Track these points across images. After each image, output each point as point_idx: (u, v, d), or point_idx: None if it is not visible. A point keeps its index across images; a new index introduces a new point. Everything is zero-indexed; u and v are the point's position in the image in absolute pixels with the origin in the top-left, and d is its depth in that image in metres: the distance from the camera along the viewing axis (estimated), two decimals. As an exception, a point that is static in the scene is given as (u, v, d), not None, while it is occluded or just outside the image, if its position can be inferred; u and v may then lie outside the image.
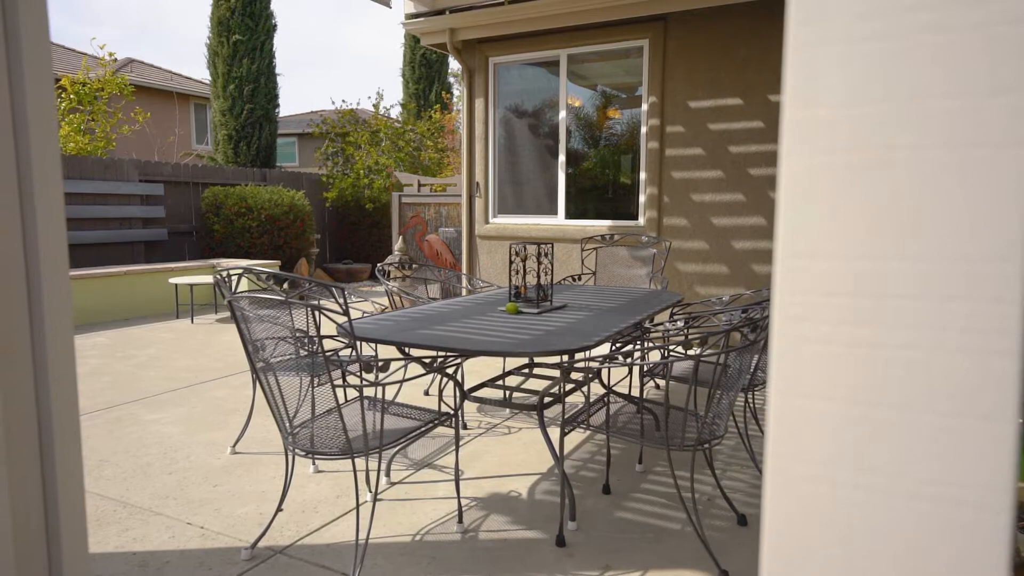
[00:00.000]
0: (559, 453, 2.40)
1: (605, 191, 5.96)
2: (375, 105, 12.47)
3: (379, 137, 11.64)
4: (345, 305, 2.08)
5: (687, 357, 2.15)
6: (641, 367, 2.82)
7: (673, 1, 4.97)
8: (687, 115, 5.34)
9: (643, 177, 5.59)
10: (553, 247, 3.12)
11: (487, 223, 6.41)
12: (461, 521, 2.42)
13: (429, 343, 2.22)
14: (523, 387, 4.08)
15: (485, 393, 3.75)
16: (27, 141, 1.01)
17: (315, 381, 2.19)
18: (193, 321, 6.84)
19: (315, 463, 2.95)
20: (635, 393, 3.77)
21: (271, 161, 12.26)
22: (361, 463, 2.76)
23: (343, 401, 2.49)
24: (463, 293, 4.72)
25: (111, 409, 3.82)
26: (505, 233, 6.25)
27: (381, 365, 2.18)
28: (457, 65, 6.47)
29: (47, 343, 1.06)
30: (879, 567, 0.49)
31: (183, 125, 15.90)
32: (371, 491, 2.66)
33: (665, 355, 2.26)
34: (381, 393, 2.51)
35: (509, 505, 2.58)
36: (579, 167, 6.01)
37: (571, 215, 6.03)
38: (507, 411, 3.81)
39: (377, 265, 3.73)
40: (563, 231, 5.95)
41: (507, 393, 3.52)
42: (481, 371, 4.64)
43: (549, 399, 2.98)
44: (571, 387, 3.16)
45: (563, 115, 5.97)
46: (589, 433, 3.37)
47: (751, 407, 3.40)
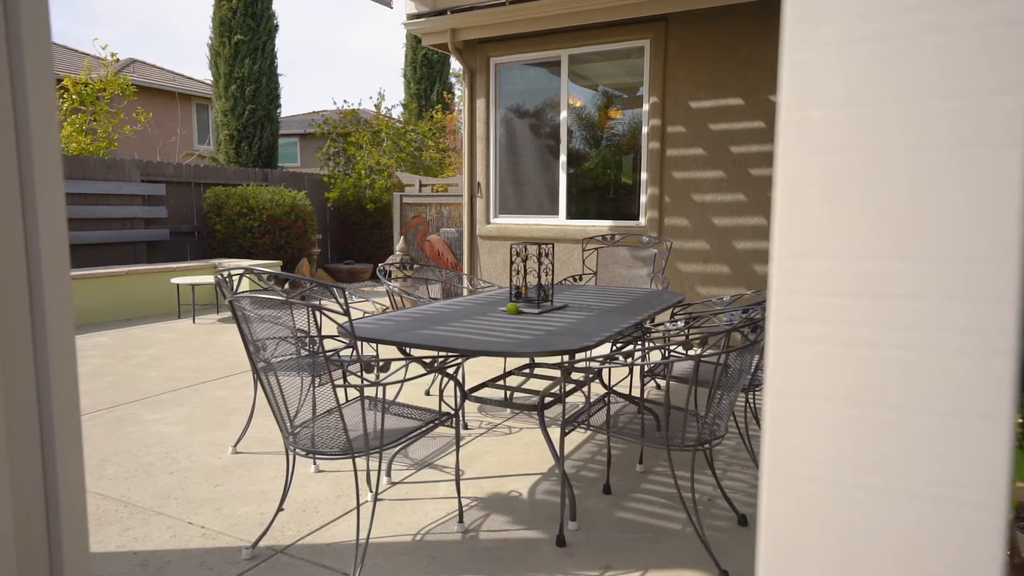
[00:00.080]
0: (559, 453, 2.40)
1: (606, 191, 5.95)
2: (377, 105, 12.48)
3: (380, 137, 11.65)
4: (345, 305, 2.08)
5: (688, 357, 2.15)
6: (642, 367, 2.82)
7: (674, 1, 4.97)
8: (688, 115, 5.33)
9: (644, 177, 5.59)
10: (554, 247, 3.13)
11: (488, 223, 6.41)
12: (462, 521, 2.42)
13: (430, 343, 2.22)
14: (524, 387, 4.08)
15: (486, 393, 3.75)
16: (28, 141, 1.02)
17: (316, 381, 2.19)
18: (195, 321, 6.85)
19: (316, 463, 2.96)
20: (636, 393, 3.77)
21: (273, 161, 12.27)
22: (362, 463, 2.76)
23: (344, 401, 2.49)
24: (464, 293, 4.72)
25: (113, 409, 3.83)
26: (506, 233, 6.25)
27: (382, 365, 2.18)
28: (459, 65, 6.47)
29: (48, 343, 1.06)
30: (877, 567, 0.49)
31: (185, 125, 15.92)
32: (372, 491, 2.67)
33: (666, 355, 2.26)
34: (382, 393, 2.51)
35: (510, 505, 2.58)
36: (580, 167, 6.01)
37: (572, 215, 6.03)
38: (508, 411, 3.81)
39: (378, 265, 3.74)
40: (564, 231, 5.95)
41: (508, 393, 3.52)
42: (482, 371, 4.64)
43: (550, 399, 2.98)
44: (572, 387, 3.16)
45: (564, 115, 5.96)
46: (590, 433, 3.37)
47: (752, 407, 3.40)
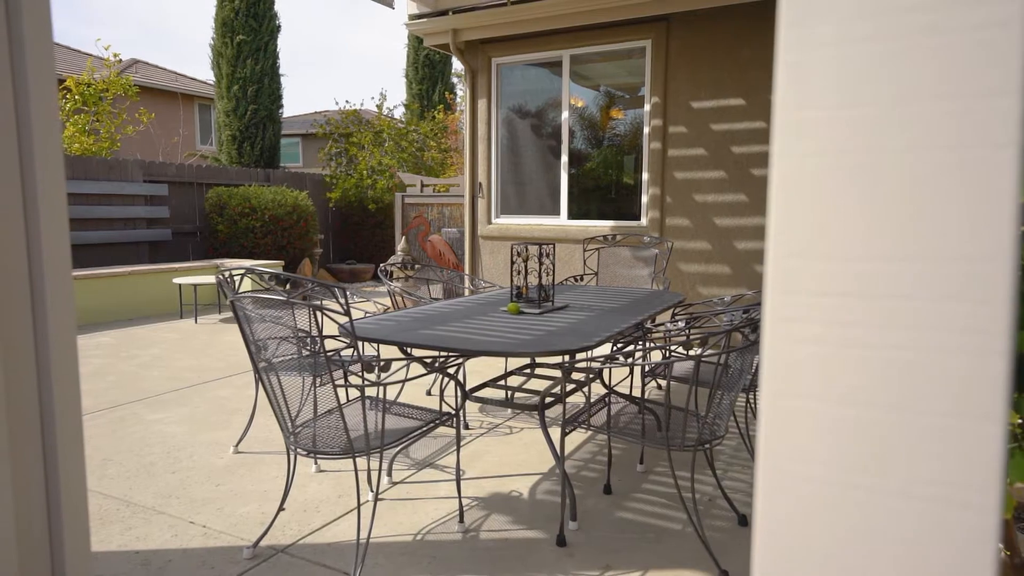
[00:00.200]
0: (560, 453, 2.40)
1: (608, 191, 5.95)
2: (378, 106, 12.49)
3: (382, 137, 11.66)
4: (346, 305, 2.09)
5: (688, 357, 2.15)
6: (642, 367, 2.82)
7: (676, 1, 4.97)
8: (690, 115, 5.33)
9: (645, 177, 5.59)
10: (555, 247, 3.13)
11: (490, 223, 6.42)
12: (462, 521, 2.43)
13: (430, 343, 2.23)
14: (525, 387, 4.08)
15: (487, 393, 3.75)
16: (30, 141, 1.02)
17: (317, 381, 2.20)
18: (197, 321, 6.86)
19: (317, 463, 2.96)
20: (636, 393, 3.77)
21: (275, 161, 12.29)
22: (363, 463, 2.77)
23: (345, 401, 2.50)
24: (465, 293, 4.73)
25: (115, 408, 3.84)
26: (508, 233, 6.25)
27: (382, 365, 2.19)
28: (460, 65, 6.47)
29: (50, 343, 1.07)
30: (872, 567, 0.49)
31: (187, 126, 15.95)
32: (372, 491, 2.67)
33: (666, 355, 2.26)
34: (382, 393, 2.51)
35: (510, 505, 2.59)
36: (582, 167, 6.01)
37: (574, 215, 6.03)
38: (509, 411, 3.82)
39: (380, 265, 3.74)
40: (566, 231, 5.95)
41: (509, 393, 3.52)
42: (483, 371, 4.64)
43: (550, 399, 2.98)
44: (572, 387, 3.17)
45: (566, 116, 5.97)
46: (591, 433, 3.38)
47: (752, 407, 3.40)
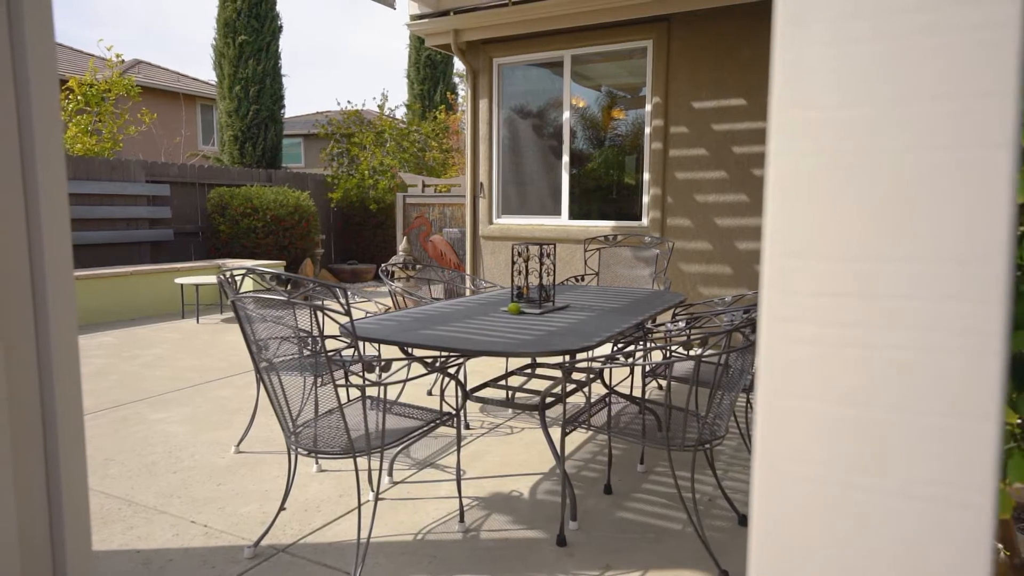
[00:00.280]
0: (560, 453, 2.40)
1: (609, 192, 5.95)
2: (380, 106, 12.50)
3: (384, 138, 11.67)
4: (347, 305, 2.09)
5: (688, 357, 2.15)
6: (643, 367, 2.82)
7: (677, 2, 4.97)
8: (691, 116, 5.33)
9: (647, 178, 5.59)
10: (556, 247, 3.13)
11: (491, 223, 6.42)
12: (463, 520, 2.43)
13: (431, 343, 2.23)
14: (526, 387, 4.08)
15: (488, 393, 3.76)
16: (32, 142, 1.03)
17: (318, 381, 2.20)
18: (198, 321, 6.87)
19: (318, 462, 2.97)
20: (637, 393, 3.77)
21: (277, 162, 12.31)
22: (363, 462, 2.77)
23: (345, 401, 2.50)
24: (467, 293, 4.73)
25: (117, 408, 3.85)
26: (509, 234, 6.26)
27: (383, 365, 2.19)
28: (462, 66, 6.47)
29: (51, 343, 1.07)
30: (869, 567, 0.49)
31: (189, 126, 15.97)
32: (373, 490, 2.67)
33: (667, 355, 2.26)
34: (383, 393, 2.52)
35: (511, 505, 2.59)
36: (583, 168, 6.01)
37: (575, 216, 6.03)
38: (509, 411, 3.82)
39: (381, 265, 3.75)
40: (567, 232, 5.96)
41: (509, 393, 3.53)
42: (484, 371, 4.65)
43: (551, 399, 2.98)
44: (573, 387, 3.17)
45: (567, 116, 5.97)
46: (591, 433, 3.38)
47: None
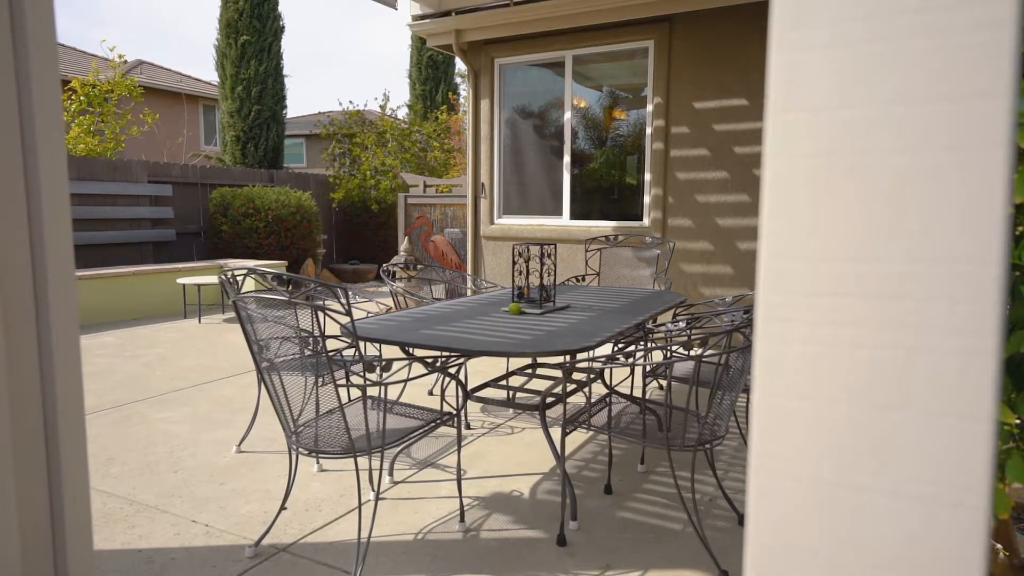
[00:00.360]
0: (560, 453, 2.41)
1: (610, 192, 5.95)
2: (382, 106, 12.51)
3: (386, 138, 11.68)
4: (347, 305, 2.10)
5: (688, 357, 2.15)
6: (643, 367, 2.82)
7: (678, 2, 4.97)
8: (692, 116, 5.33)
9: (648, 178, 5.59)
10: (556, 248, 3.13)
11: (492, 224, 6.42)
12: (463, 520, 2.43)
13: (431, 343, 2.23)
14: (526, 387, 4.08)
15: (488, 393, 3.76)
16: (34, 143, 1.03)
17: (319, 381, 2.21)
18: (200, 321, 6.89)
19: (319, 462, 2.97)
20: (637, 393, 3.77)
21: (279, 162, 12.33)
22: (364, 462, 2.78)
23: (346, 401, 2.51)
24: (468, 293, 4.74)
25: (119, 408, 3.86)
26: (510, 234, 6.26)
27: (384, 365, 2.20)
28: (464, 66, 6.48)
29: (53, 342, 1.08)
30: (863, 565, 0.50)
31: (192, 126, 16.00)
32: (374, 490, 2.68)
33: (667, 356, 2.27)
34: (384, 393, 2.52)
35: (511, 504, 2.59)
36: (584, 168, 6.01)
37: (576, 216, 6.04)
38: (510, 411, 3.82)
39: (383, 266, 3.75)
40: (568, 232, 5.96)
41: (510, 393, 3.53)
42: (486, 371, 4.65)
43: (551, 399, 2.99)
44: (573, 387, 3.17)
45: (568, 116, 5.97)
46: (592, 433, 3.38)
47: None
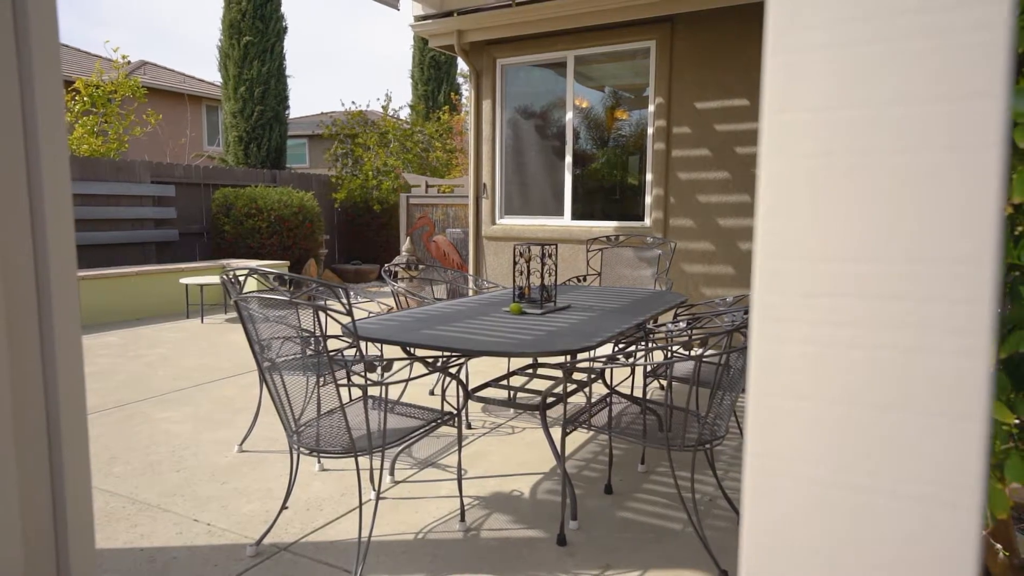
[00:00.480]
0: (560, 453, 2.41)
1: (611, 192, 5.96)
2: (384, 107, 12.52)
3: (388, 138, 11.69)
4: (348, 306, 2.10)
5: (689, 357, 2.16)
6: (644, 367, 2.82)
7: (680, 2, 4.97)
8: (694, 116, 5.33)
9: (649, 178, 5.59)
10: (558, 248, 3.14)
11: (494, 224, 6.43)
12: (463, 520, 2.44)
13: (432, 343, 2.24)
14: (527, 387, 4.09)
15: (489, 393, 3.76)
16: (36, 143, 1.04)
17: (320, 380, 2.21)
18: (203, 321, 6.90)
19: (320, 461, 2.98)
20: (638, 393, 3.77)
21: (281, 162, 12.34)
22: (365, 462, 2.78)
23: (347, 400, 2.51)
24: (469, 294, 4.74)
25: (122, 407, 3.87)
26: (512, 234, 6.26)
27: (385, 365, 2.20)
28: (466, 66, 6.48)
29: (55, 343, 1.08)
30: (859, 565, 0.50)
31: (195, 127, 16.03)
32: (375, 490, 2.68)
33: (667, 356, 2.27)
34: (385, 393, 2.53)
35: (511, 504, 2.59)
36: (586, 168, 6.01)
37: (577, 216, 6.04)
38: (511, 411, 3.82)
39: (384, 266, 3.76)
40: (569, 232, 5.96)
41: (511, 393, 3.53)
42: (486, 371, 4.65)
43: (552, 399, 2.99)
44: (574, 387, 3.17)
45: (570, 116, 5.97)
46: (592, 433, 3.38)
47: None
